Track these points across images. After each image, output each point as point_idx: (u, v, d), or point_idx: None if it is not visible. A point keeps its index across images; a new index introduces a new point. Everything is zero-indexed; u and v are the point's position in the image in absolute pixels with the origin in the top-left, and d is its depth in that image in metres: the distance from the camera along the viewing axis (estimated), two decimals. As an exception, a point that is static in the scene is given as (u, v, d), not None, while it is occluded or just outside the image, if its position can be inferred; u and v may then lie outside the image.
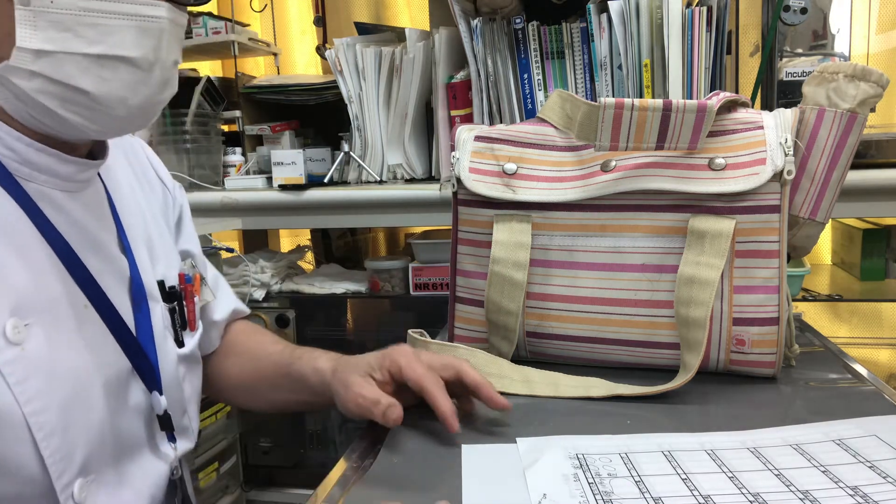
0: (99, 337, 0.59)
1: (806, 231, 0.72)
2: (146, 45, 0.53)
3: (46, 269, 0.55)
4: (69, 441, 0.54)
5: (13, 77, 0.51)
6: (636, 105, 0.66)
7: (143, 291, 0.65)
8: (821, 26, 1.29)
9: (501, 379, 0.72)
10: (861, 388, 0.68)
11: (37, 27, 0.49)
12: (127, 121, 0.56)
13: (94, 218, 0.62)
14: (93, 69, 0.51)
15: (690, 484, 0.50)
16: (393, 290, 1.47)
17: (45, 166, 0.56)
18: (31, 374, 0.52)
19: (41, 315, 0.54)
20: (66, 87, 0.51)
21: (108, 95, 0.53)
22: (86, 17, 0.50)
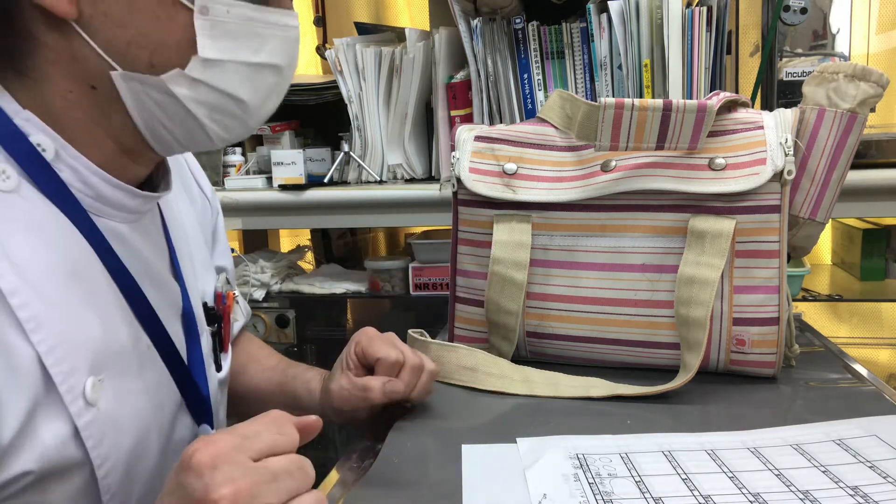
0: (157, 377, 0.57)
1: (806, 231, 0.72)
2: (289, 52, 0.55)
3: (115, 313, 0.53)
4: (127, 493, 0.52)
5: (173, 85, 0.50)
6: (636, 105, 0.66)
7: (194, 318, 0.64)
8: (821, 26, 1.29)
9: (501, 379, 0.72)
10: (861, 388, 0.68)
11: (213, 36, 0.50)
12: (251, 130, 0.57)
13: (151, 246, 0.60)
14: (251, 78, 0.53)
15: (690, 484, 0.50)
16: (393, 290, 1.47)
17: (117, 201, 0.55)
18: (105, 434, 0.50)
19: (112, 367, 0.52)
20: (224, 96, 0.52)
21: (256, 103, 0.54)
22: (250, 26, 0.51)
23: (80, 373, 0.48)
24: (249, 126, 0.56)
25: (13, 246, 0.47)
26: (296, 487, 0.41)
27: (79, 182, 0.52)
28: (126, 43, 0.49)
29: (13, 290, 0.46)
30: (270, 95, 0.56)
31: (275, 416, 0.45)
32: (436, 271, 1.42)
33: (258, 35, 0.52)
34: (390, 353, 0.64)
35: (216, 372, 0.68)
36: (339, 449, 1.59)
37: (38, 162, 0.50)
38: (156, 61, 0.49)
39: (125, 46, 0.49)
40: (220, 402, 0.69)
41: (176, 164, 0.73)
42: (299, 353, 1.49)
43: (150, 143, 0.54)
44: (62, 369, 0.47)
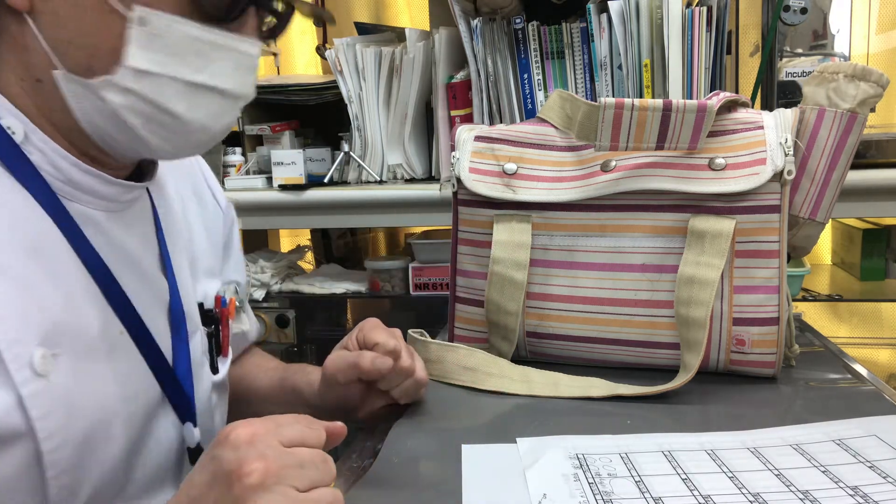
0: (130, 366, 0.57)
1: (806, 231, 0.72)
2: (239, 79, 0.55)
3: (81, 294, 0.53)
4: (78, 478, 0.51)
5: (105, 91, 0.50)
6: (636, 105, 0.66)
7: (183, 316, 0.63)
8: (821, 26, 1.29)
9: (501, 379, 0.72)
10: (861, 388, 0.68)
11: (149, 48, 0.50)
12: (198, 146, 0.57)
13: (136, 238, 0.60)
14: (188, 95, 0.52)
15: (690, 484, 0.50)
16: (393, 290, 1.47)
17: (89, 187, 0.55)
18: (54, 408, 0.49)
19: (71, 344, 0.52)
20: (157, 109, 0.52)
21: (194, 120, 0.54)
22: (194, 45, 0.51)
23: (28, 343, 0.48)
24: (192, 142, 0.56)
25: None
26: (319, 479, 0.44)
27: (48, 165, 0.53)
28: (67, 42, 0.50)
29: None
30: (218, 117, 0.55)
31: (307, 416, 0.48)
32: (436, 271, 1.42)
33: (203, 55, 0.52)
34: (389, 340, 0.65)
35: (211, 374, 0.67)
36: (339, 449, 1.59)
37: (6, 143, 0.51)
38: (93, 65, 0.50)
39: (66, 46, 0.50)
40: (217, 405, 0.69)
41: (189, 169, 0.74)
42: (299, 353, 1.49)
43: (100, 145, 0.55)
44: (8, 337, 0.47)
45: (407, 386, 0.66)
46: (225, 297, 0.71)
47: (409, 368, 0.65)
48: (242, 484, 0.41)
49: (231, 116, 0.57)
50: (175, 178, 0.70)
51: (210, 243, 0.73)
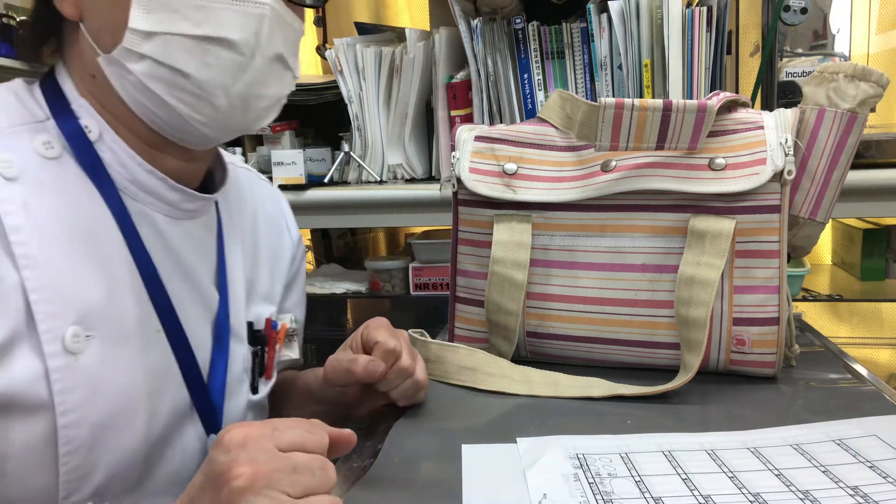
0: (161, 365, 0.58)
1: (806, 231, 0.72)
2: (247, 28, 0.54)
3: (125, 286, 0.56)
4: (91, 460, 0.52)
5: (127, 61, 0.53)
6: (636, 105, 0.66)
7: (228, 329, 0.64)
8: (821, 26, 1.29)
9: (501, 379, 0.72)
10: (861, 388, 0.68)
11: (150, 9, 0.52)
12: (228, 114, 0.57)
13: (193, 248, 0.62)
14: (196, 52, 0.53)
15: (690, 484, 0.50)
16: (393, 290, 1.47)
17: (152, 189, 0.58)
18: (76, 385, 0.51)
19: (106, 329, 0.54)
20: (171, 70, 0.53)
21: (209, 80, 0.55)
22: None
23: (64, 319, 0.51)
24: (221, 107, 0.56)
25: (36, 200, 0.52)
26: (314, 486, 0.43)
27: (117, 164, 0.57)
28: (98, 30, 0.54)
29: (16, 228, 0.50)
30: (235, 74, 0.55)
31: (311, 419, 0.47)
32: (436, 271, 1.42)
33: (202, 7, 0.53)
34: (389, 340, 0.65)
35: (250, 393, 0.68)
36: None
37: (81, 140, 0.56)
38: (117, 41, 0.53)
39: (98, 33, 0.54)
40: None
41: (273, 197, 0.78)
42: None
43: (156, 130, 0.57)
44: (45, 309, 0.50)
45: (406, 387, 0.65)
46: (276, 322, 0.72)
47: (408, 369, 0.65)
48: (230, 487, 0.41)
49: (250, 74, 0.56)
50: (256, 201, 0.73)
51: (273, 271, 0.75)
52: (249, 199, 0.73)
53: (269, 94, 0.59)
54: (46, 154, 0.54)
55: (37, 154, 0.54)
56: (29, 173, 0.53)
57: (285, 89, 0.61)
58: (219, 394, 0.63)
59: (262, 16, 0.55)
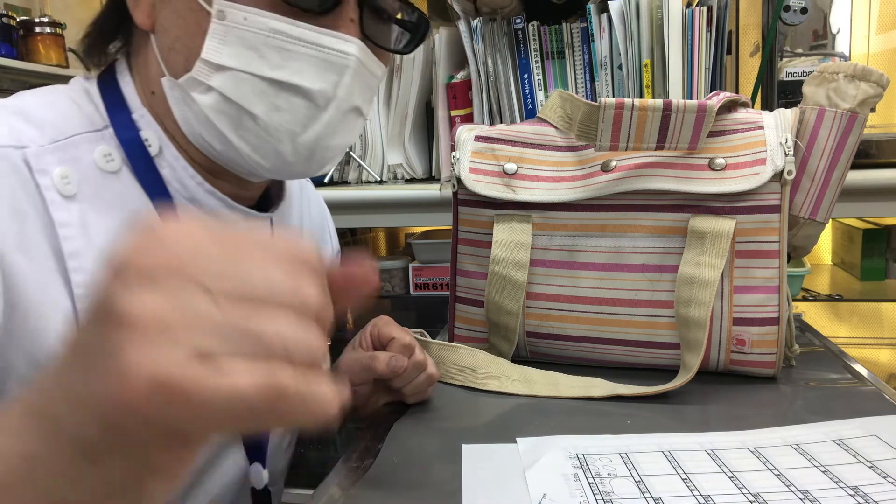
0: None
1: (806, 231, 0.72)
2: (327, 79, 0.51)
3: None
4: None
5: (192, 90, 0.50)
6: (636, 105, 0.66)
7: None
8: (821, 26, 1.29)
9: (501, 379, 0.72)
10: (861, 388, 0.68)
11: (225, 42, 0.49)
12: (292, 162, 0.53)
13: None
14: (268, 95, 0.50)
15: (690, 484, 0.50)
16: (393, 290, 1.47)
17: (210, 207, 0.56)
18: None
19: None
20: (238, 109, 0.50)
21: (277, 126, 0.51)
22: (274, 39, 0.49)
23: None
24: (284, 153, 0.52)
25: (93, 218, 0.49)
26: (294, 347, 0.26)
27: (176, 181, 0.54)
28: (168, 49, 0.51)
29: (74, 253, 0.48)
30: (306, 122, 0.51)
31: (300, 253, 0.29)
32: (436, 271, 1.42)
33: (283, 50, 0.49)
34: (404, 336, 0.65)
35: None
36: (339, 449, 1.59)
37: (142, 154, 0.53)
38: (188, 66, 0.50)
39: (168, 52, 0.51)
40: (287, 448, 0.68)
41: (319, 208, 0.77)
42: (299, 353, 1.49)
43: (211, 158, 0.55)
44: None
45: (420, 381, 0.65)
46: None
47: (423, 362, 0.65)
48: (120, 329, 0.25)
49: (324, 125, 0.52)
50: (302, 210, 0.72)
51: None
52: (297, 205, 0.71)
53: (338, 144, 0.55)
54: (106, 167, 0.51)
55: (96, 167, 0.51)
56: (87, 189, 0.49)
57: (355, 138, 0.58)
58: None
59: (344, 67, 0.51)
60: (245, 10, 0.48)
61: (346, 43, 0.51)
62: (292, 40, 0.49)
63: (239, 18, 0.48)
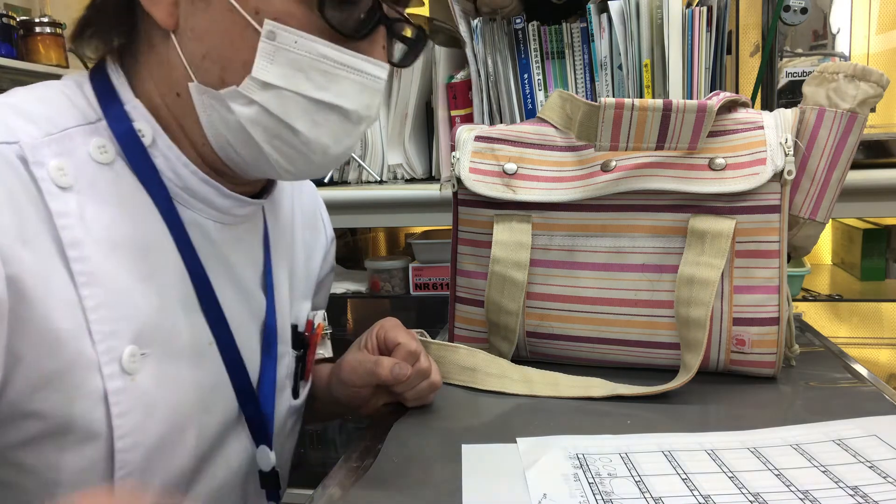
0: (213, 378, 0.57)
1: (806, 231, 0.72)
2: (363, 101, 0.54)
3: (178, 299, 0.54)
4: (144, 482, 0.51)
5: (232, 102, 0.51)
6: (636, 105, 0.66)
7: (276, 335, 0.64)
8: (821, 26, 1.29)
9: (501, 379, 0.72)
10: (861, 388, 0.68)
11: (273, 61, 0.50)
12: (318, 168, 0.57)
13: (242, 252, 0.61)
14: (310, 112, 0.52)
15: (690, 484, 0.50)
16: (393, 290, 1.47)
17: (204, 196, 0.57)
18: (134, 407, 0.49)
19: (160, 346, 0.52)
20: (279, 123, 0.52)
21: (315, 140, 0.54)
22: (321, 63, 0.51)
23: (122, 338, 0.49)
24: (314, 162, 0.55)
25: (91, 209, 0.50)
26: None
27: (170, 171, 0.55)
28: (202, 57, 0.52)
29: (74, 243, 0.48)
30: (339, 139, 0.55)
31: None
32: (436, 271, 1.42)
33: (327, 73, 0.52)
34: (411, 342, 0.65)
35: (293, 398, 0.67)
36: (339, 449, 1.59)
37: (135, 144, 0.54)
38: (225, 77, 0.51)
39: (201, 60, 0.52)
40: (291, 430, 0.69)
41: (310, 191, 0.77)
42: (299, 353, 1.49)
43: (225, 161, 0.56)
44: (103, 328, 0.48)
45: (422, 388, 0.65)
46: (315, 321, 0.72)
47: (427, 370, 0.65)
48: None
49: (352, 139, 0.56)
50: (293, 197, 0.72)
51: (308, 268, 0.74)
52: (288, 193, 0.71)
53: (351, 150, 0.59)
54: (101, 159, 0.52)
55: (91, 159, 0.51)
56: (83, 180, 0.50)
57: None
58: (269, 402, 0.62)
59: (376, 90, 0.55)
60: (296, 34, 0.50)
61: (381, 69, 0.55)
62: (337, 65, 0.52)
63: (289, 41, 0.50)
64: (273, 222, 0.66)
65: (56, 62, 1.94)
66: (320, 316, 0.74)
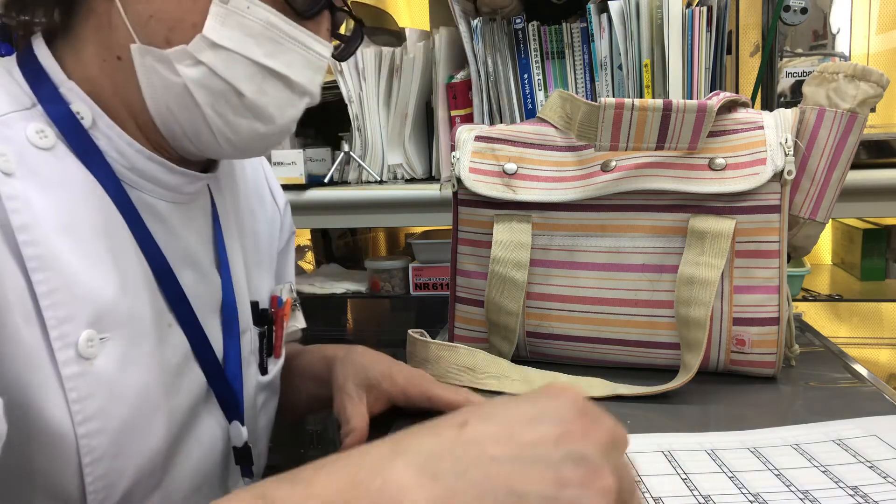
0: (178, 359, 0.56)
1: (806, 231, 0.72)
2: (306, 74, 0.56)
3: (136, 282, 0.53)
4: (116, 468, 0.50)
5: (178, 62, 0.51)
6: (636, 105, 0.66)
7: (235, 313, 0.63)
8: (821, 26, 1.29)
9: (501, 379, 0.72)
10: (861, 388, 0.68)
11: (224, 24, 0.51)
12: (263, 139, 0.57)
13: (194, 231, 0.60)
14: (257, 78, 0.53)
15: (690, 484, 0.50)
16: (393, 290, 1.47)
17: (152, 175, 0.56)
18: (94, 392, 0.48)
19: (120, 329, 0.51)
20: (225, 85, 0.52)
21: (262, 106, 0.54)
22: (270, 31, 0.53)
23: (77, 323, 0.48)
24: (258, 132, 0.55)
25: (36, 195, 0.48)
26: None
27: (114, 151, 0.54)
28: (148, 17, 0.51)
29: (23, 227, 0.47)
30: (283, 108, 0.56)
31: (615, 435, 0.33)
32: (436, 271, 1.42)
33: (276, 42, 0.53)
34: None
35: (259, 374, 0.67)
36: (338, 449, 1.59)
37: (75, 128, 0.52)
38: (171, 38, 0.51)
39: (146, 20, 0.51)
40: (264, 406, 0.68)
41: (252, 164, 0.74)
42: (299, 353, 1.49)
43: (162, 132, 0.55)
44: (57, 314, 0.47)
45: None
46: (281, 296, 0.71)
47: None
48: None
49: (295, 111, 0.57)
50: (236, 175, 0.70)
51: (265, 241, 0.73)
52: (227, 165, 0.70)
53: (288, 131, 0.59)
54: (41, 144, 0.50)
55: (31, 145, 0.50)
56: (25, 166, 0.49)
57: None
58: (236, 379, 0.61)
59: (320, 67, 0.57)
60: (249, 0, 0.51)
61: (324, 48, 0.57)
62: (285, 37, 0.53)
63: (242, 6, 0.51)
64: (219, 198, 0.65)
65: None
66: (287, 290, 0.73)
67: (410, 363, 0.73)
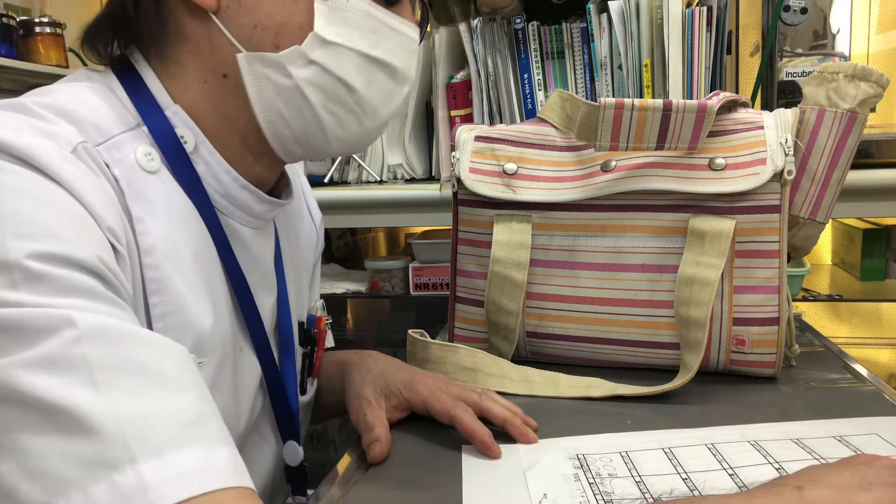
0: (248, 382, 0.57)
1: (806, 231, 0.72)
2: (406, 60, 0.57)
3: (224, 307, 0.54)
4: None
5: (290, 64, 0.52)
6: (636, 105, 0.66)
7: (291, 333, 0.63)
8: (821, 26, 1.29)
9: (501, 379, 0.72)
10: (861, 388, 0.68)
11: (330, 20, 0.52)
12: (367, 134, 0.58)
13: (267, 255, 0.61)
14: (364, 70, 0.54)
15: (691, 483, 0.50)
16: (393, 290, 1.47)
17: (243, 203, 0.56)
18: None
19: (213, 354, 0.52)
20: (337, 82, 0.53)
21: (370, 99, 0.55)
22: (369, 21, 0.54)
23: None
24: (365, 126, 0.56)
25: (150, 218, 0.49)
26: None
27: (211, 178, 0.54)
28: (252, 27, 0.52)
29: (149, 250, 0.47)
30: (388, 98, 0.57)
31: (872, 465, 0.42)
32: (436, 271, 1.42)
33: (376, 31, 0.54)
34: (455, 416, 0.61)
35: (301, 395, 0.67)
36: (339, 449, 1.59)
37: (178, 152, 0.52)
38: (279, 42, 0.52)
39: (251, 30, 0.52)
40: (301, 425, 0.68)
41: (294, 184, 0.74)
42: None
43: (269, 139, 0.55)
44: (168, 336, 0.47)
45: None
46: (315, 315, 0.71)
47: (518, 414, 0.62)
48: None
49: (398, 101, 0.58)
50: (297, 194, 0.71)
51: (305, 258, 0.74)
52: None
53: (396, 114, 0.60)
54: (148, 167, 0.50)
55: (139, 167, 0.49)
56: (135, 190, 0.48)
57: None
58: (295, 399, 0.62)
59: (414, 52, 0.58)
60: None
61: (415, 32, 0.58)
62: (383, 25, 0.54)
63: (342, 1, 0.52)
64: (280, 220, 0.66)
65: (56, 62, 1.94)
66: (321, 308, 0.73)
67: (410, 363, 0.73)
